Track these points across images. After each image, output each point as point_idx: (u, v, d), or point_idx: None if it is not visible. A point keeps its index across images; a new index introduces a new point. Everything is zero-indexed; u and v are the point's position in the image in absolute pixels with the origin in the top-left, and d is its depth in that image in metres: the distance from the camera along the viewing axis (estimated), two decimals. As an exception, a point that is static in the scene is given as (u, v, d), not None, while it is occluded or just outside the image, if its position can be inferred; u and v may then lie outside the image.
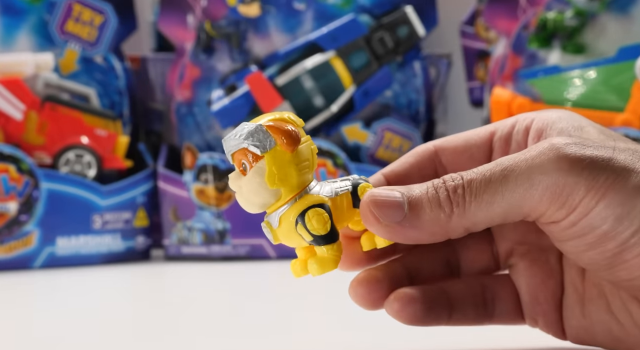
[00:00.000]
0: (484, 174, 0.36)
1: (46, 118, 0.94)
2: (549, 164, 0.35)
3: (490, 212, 0.36)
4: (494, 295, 0.41)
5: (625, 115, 0.88)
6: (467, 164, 0.40)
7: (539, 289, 0.40)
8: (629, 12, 0.91)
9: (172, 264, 0.95)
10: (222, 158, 0.94)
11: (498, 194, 0.36)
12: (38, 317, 0.69)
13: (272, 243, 0.40)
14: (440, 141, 0.42)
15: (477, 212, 0.36)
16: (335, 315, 0.64)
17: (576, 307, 0.40)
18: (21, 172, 0.91)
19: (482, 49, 1.08)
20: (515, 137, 0.41)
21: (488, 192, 0.36)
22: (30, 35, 0.97)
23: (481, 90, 1.08)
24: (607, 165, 0.35)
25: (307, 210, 0.38)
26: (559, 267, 0.41)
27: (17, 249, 0.92)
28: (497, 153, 0.41)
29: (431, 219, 0.36)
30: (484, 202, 0.36)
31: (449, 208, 0.36)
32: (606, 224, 0.35)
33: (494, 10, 0.98)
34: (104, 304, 0.75)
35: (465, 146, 0.41)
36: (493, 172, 0.36)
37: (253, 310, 0.68)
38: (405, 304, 0.39)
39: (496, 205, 0.36)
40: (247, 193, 0.38)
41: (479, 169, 0.37)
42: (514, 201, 0.36)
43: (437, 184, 0.37)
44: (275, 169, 0.38)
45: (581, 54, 0.92)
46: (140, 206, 0.97)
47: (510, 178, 0.36)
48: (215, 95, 0.96)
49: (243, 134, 0.39)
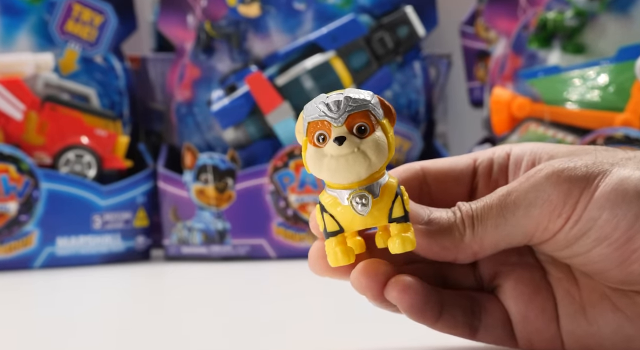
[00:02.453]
0: (486, 202, 0.40)
1: (46, 118, 0.94)
2: (541, 180, 0.39)
3: (495, 236, 0.39)
4: (482, 308, 0.42)
5: (625, 115, 0.88)
6: (451, 186, 0.43)
7: (528, 307, 0.41)
8: (629, 12, 0.91)
9: (172, 264, 0.95)
10: (222, 158, 0.94)
11: (501, 218, 0.39)
12: (38, 317, 0.69)
13: (363, 215, 0.38)
14: (426, 163, 0.44)
15: (485, 236, 0.39)
16: (335, 315, 0.64)
17: (578, 316, 0.41)
18: (21, 172, 0.91)
19: (482, 49, 1.08)
20: (497, 161, 0.44)
21: (492, 217, 0.39)
22: (30, 35, 0.97)
23: (481, 90, 1.08)
24: (592, 167, 0.39)
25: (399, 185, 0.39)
26: (545, 283, 0.42)
27: (17, 249, 0.92)
28: (481, 176, 0.44)
29: (447, 234, 0.40)
30: (490, 226, 0.39)
31: (462, 228, 0.39)
32: (605, 212, 0.37)
33: (494, 10, 0.98)
34: (104, 304, 0.75)
35: (450, 169, 0.44)
36: (493, 199, 0.40)
37: (253, 310, 0.68)
38: (404, 291, 0.40)
39: (501, 228, 0.39)
40: (371, 152, 0.37)
41: (483, 199, 0.40)
42: (516, 222, 0.39)
43: (453, 209, 0.40)
44: (390, 137, 0.38)
45: (581, 54, 0.92)
46: (140, 206, 0.97)
47: (509, 202, 0.39)
48: (215, 95, 0.96)
49: (368, 97, 0.38)
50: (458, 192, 0.44)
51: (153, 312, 0.71)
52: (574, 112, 0.90)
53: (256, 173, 0.94)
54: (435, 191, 0.43)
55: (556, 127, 0.90)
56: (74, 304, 0.75)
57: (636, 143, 0.85)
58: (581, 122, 0.90)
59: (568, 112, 0.90)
